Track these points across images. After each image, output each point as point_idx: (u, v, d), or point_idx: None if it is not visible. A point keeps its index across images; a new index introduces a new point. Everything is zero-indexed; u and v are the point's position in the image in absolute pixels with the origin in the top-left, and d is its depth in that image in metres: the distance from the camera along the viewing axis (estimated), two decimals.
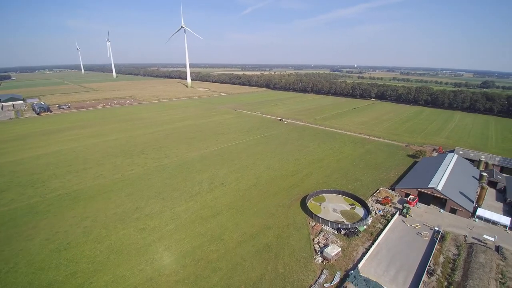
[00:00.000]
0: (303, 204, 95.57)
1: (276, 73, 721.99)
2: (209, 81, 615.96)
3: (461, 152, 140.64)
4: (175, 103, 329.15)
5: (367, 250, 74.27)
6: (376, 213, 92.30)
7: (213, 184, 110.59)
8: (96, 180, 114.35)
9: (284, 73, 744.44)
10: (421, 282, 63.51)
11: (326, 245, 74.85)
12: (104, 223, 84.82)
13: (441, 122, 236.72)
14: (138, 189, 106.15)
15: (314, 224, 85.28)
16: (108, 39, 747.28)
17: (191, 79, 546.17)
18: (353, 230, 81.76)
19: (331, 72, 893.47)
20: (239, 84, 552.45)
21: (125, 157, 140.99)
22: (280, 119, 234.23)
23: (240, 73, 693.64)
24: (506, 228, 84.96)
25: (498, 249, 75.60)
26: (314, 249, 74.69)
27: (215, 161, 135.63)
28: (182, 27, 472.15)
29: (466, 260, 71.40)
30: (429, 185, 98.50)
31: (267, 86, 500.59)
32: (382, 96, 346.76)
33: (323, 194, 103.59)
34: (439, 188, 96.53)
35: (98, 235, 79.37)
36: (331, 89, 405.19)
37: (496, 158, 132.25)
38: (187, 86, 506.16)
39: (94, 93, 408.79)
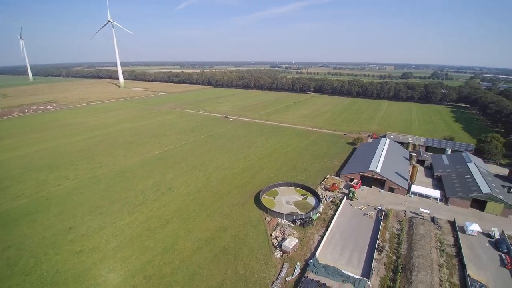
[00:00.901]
0: (257, 200, 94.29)
1: (217, 70, 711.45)
2: (145, 80, 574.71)
3: (392, 136, 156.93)
4: (107, 105, 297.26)
5: (322, 237, 76.42)
6: (326, 200, 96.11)
7: (159, 191, 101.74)
8: (16, 201, 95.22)
9: (226, 70, 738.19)
10: (374, 259, 67.77)
11: (284, 239, 74.66)
12: (31, 251, 70.67)
13: (372, 111, 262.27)
14: (70, 207, 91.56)
15: (270, 219, 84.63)
16: (21, 37, 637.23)
17: (124, 79, 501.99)
18: (307, 219, 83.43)
19: (271, 68, 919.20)
20: (178, 82, 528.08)
21: (50, 170, 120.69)
22: (226, 117, 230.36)
23: (179, 70, 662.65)
24: (437, 200, 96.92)
25: (433, 219, 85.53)
26: (273, 244, 73.84)
27: (159, 166, 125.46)
28: (109, 21, 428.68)
29: (408, 233, 78.86)
30: (369, 169, 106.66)
31: (209, 84, 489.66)
32: (319, 89, 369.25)
33: (276, 188, 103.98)
34: (378, 170, 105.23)
35: (26, 265, 65.74)
36: (273, 85, 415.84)
37: (421, 139, 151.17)
38: (119, 87, 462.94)
39: (6, 100, 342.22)
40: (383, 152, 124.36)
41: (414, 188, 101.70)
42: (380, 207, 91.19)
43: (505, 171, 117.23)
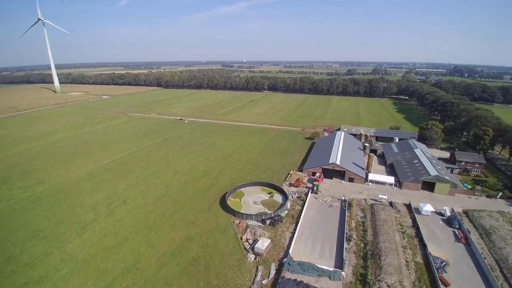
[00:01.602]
0: (223, 203, 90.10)
1: (166, 70, 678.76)
2: (85, 83, 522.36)
3: (345, 129, 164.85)
4: (42, 113, 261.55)
5: (293, 233, 75.59)
6: (292, 197, 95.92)
7: (112, 205, 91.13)
8: None
9: (175, 70, 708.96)
10: (344, 249, 68.92)
11: (255, 241, 71.95)
12: None
13: (324, 106, 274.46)
14: (6, 233, 76.99)
15: (239, 221, 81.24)
16: None
17: (60, 83, 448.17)
18: (276, 218, 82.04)
19: (223, 67, 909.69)
20: (123, 84, 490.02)
21: None
22: (180, 119, 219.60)
23: (123, 72, 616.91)
24: (392, 186, 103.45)
25: (391, 204, 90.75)
26: (245, 248, 70.66)
27: (109, 177, 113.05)
28: (39, 19, 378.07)
29: (371, 219, 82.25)
30: (330, 162, 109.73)
31: (159, 85, 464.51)
32: (273, 87, 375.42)
33: (241, 189, 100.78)
34: (338, 162, 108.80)
35: None
36: (227, 84, 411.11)
37: (371, 130, 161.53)
38: (55, 91, 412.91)
39: None
40: (340, 145, 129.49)
41: (371, 176, 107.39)
42: (343, 198, 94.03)
43: (446, 154, 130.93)
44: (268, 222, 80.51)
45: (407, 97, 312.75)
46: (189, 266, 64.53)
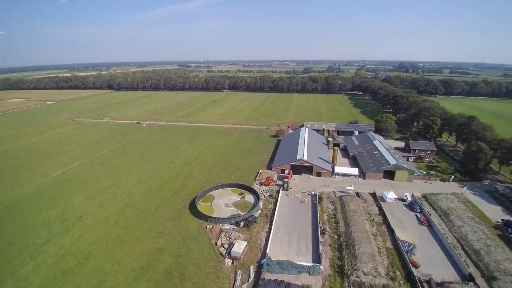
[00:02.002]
0: (193, 209, 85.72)
1: (118, 72, 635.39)
2: (25, 89, 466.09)
3: (309, 125, 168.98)
4: None
5: (269, 233, 74.42)
6: (264, 196, 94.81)
7: (68, 222, 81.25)
8: None
9: (128, 71, 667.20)
10: (320, 243, 69.57)
11: (231, 244, 69.29)
12: None
13: (285, 104, 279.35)
14: None
15: (212, 226, 77.73)
16: None
17: None
18: (250, 218, 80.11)
19: (180, 67, 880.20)
20: (69, 88, 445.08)
21: None
22: (137, 122, 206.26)
23: (68, 74, 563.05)
24: (356, 177, 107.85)
25: (358, 194, 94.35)
26: (220, 253, 67.64)
27: (62, 190, 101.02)
28: None
29: (342, 211, 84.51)
30: (297, 158, 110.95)
31: (110, 87, 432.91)
32: (234, 87, 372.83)
33: (211, 192, 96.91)
34: (305, 158, 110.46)
35: None
36: (185, 84, 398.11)
37: (332, 125, 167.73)
38: None
39: None
40: (305, 141, 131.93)
41: (337, 169, 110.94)
42: (313, 192, 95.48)
43: (401, 144, 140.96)
44: (242, 224, 78.28)
45: (361, 93, 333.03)
46: (162, 279, 59.70)
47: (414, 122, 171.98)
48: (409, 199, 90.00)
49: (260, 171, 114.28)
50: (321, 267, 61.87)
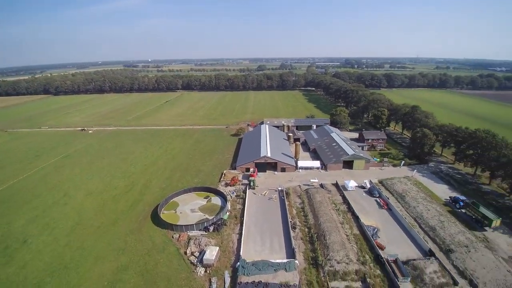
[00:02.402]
0: (156, 219, 79.51)
1: (54, 74, 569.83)
2: None
3: (268, 122, 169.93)
4: None
5: (240, 234, 72.32)
6: (231, 196, 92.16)
7: (10, 249, 69.19)
8: None
9: (66, 73, 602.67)
10: (292, 238, 69.54)
11: (202, 252, 65.53)
12: None
13: (243, 102, 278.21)
14: None
15: (179, 235, 72.73)
16: None
17: None
18: (219, 222, 77.00)
19: (126, 68, 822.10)
20: None
21: None
22: (83, 129, 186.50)
23: None
24: (319, 169, 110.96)
25: (322, 186, 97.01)
26: (192, 263, 63.50)
27: None
28: None
29: (309, 203, 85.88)
30: (261, 155, 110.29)
31: (47, 92, 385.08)
32: (188, 86, 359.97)
33: (174, 199, 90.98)
34: (269, 155, 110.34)
35: None
36: (134, 85, 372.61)
37: (291, 121, 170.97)
38: None
39: None
40: (267, 137, 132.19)
41: (300, 163, 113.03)
42: (279, 188, 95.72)
43: (355, 135, 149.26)
44: (211, 228, 74.75)
45: (313, 88, 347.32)
46: None
47: (364, 114, 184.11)
48: (368, 185, 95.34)
49: (225, 171, 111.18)
50: (296, 261, 61.74)
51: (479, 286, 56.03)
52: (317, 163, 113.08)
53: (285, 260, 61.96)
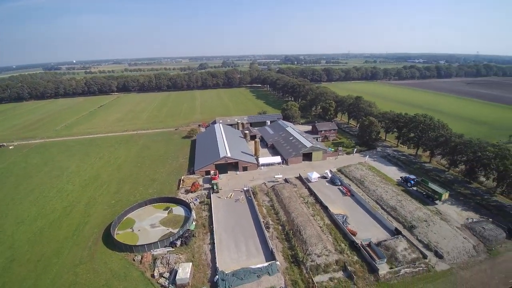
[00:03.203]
0: (110, 242, 68.56)
1: None
2: None
3: (221, 121, 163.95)
4: None
5: (212, 244, 66.75)
6: (194, 204, 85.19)
7: None
8: None
9: None
10: (267, 238, 66.71)
11: (173, 271, 58.21)
12: None
13: (189, 102, 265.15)
14: None
15: (141, 257, 63.54)
16: None
17: None
18: (187, 234, 69.92)
19: (47, 71, 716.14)
20: None
21: None
22: (0, 145, 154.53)
23: None
24: (280, 164, 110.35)
25: (286, 180, 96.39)
26: (163, 286, 55.79)
27: None
28: None
29: (278, 200, 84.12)
30: (221, 156, 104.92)
31: None
32: (124, 88, 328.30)
33: (128, 215, 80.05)
34: (229, 155, 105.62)
35: None
36: (59, 90, 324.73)
37: (245, 118, 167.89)
38: None
39: None
40: (223, 137, 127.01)
41: (261, 160, 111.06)
42: (245, 188, 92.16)
43: (308, 127, 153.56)
44: (178, 242, 67.32)
45: (260, 85, 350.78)
46: None
47: (312, 107, 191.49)
48: (329, 175, 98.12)
49: (182, 177, 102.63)
50: (278, 263, 59.16)
51: (444, 255, 61.20)
52: (278, 159, 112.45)
53: (266, 264, 58.80)
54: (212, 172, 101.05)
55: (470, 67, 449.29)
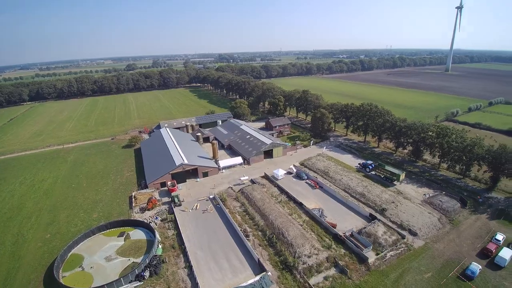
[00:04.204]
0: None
1: None
2: None
3: (166, 125, 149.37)
4: None
5: (189, 267, 57.86)
6: (155, 223, 73.73)
7: None
8: None
9: None
10: (251, 248, 61.02)
11: None
12: None
13: (122, 106, 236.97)
14: None
15: None
16: None
17: None
18: (154, 261, 59.14)
19: None
20: None
21: None
22: None
23: None
24: (242, 165, 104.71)
25: (253, 181, 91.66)
26: None
27: None
28: None
29: (250, 204, 78.62)
30: (177, 164, 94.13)
31: None
32: (39, 96, 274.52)
33: (73, 251, 64.60)
34: (186, 161, 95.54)
35: None
36: None
37: (192, 119, 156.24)
38: None
39: None
40: (174, 142, 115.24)
41: (222, 163, 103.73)
42: (211, 196, 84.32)
43: (261, 124, 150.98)
44: (147, 274, 56.37)
45: (199, 84, 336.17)
46: None
47: (260, 103, 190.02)
48: (294, 170, 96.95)
49: (133, 193, 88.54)
50: (269, 273, 54.16)
51: (417, 232, 64.68)
52: (239, 159, 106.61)
53: (257, 277, 53.26)
54: (169, 183, 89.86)
55: (388, 59, 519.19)
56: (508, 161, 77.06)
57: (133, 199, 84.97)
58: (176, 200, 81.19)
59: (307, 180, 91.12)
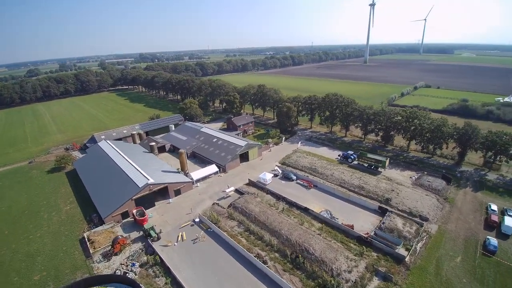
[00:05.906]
0: None
1: None
2: None
3: (103, 137, 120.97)
4: None
5: None
6: (135, 272, 55.10)
7: None
8: None
9: None
10: (276, 276, 49.76)
11: None
12: None
13: (33, 121, 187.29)
14: None
15: None
16: None
17: None
18: None
19: None
20: None
21: None
22: None
23: None
24: (217, 174, 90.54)
25: (240, 192, 79.93)
26: None
27: None
28: None
29: (250, 220, 66.27)
30: (141, 185, 74.44)
31: None
32: None
33: None
34: (152, 180, 76.55)
35: None
36: None
37: (136, 127, 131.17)
38: None
39: None
40: (125, 157, 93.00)
41: (194, 175, 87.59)
42: (196, 219, 68.82)
43: (219, 124, 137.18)
44: None
45: (127, 86, 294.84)
46: None
47: (210, 102, 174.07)
48: (280, 171, 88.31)
49: (85, 235, 65.91)
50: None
51: (428, 217, 63.66)
52: (213, 168, 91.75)
53: None
54: (134, 211, 70.26)
55: (314, 54, 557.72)
56: (475, 136, 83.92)
57: (88, 243, 62.93)
58: (152, 233, 63.19)
59: (298, 181, 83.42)
